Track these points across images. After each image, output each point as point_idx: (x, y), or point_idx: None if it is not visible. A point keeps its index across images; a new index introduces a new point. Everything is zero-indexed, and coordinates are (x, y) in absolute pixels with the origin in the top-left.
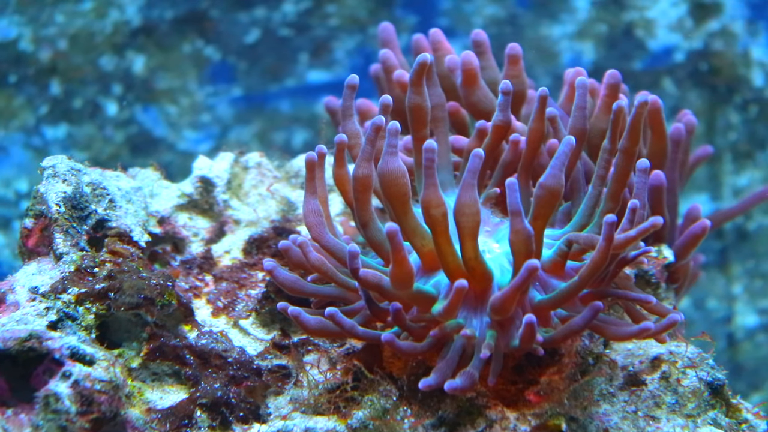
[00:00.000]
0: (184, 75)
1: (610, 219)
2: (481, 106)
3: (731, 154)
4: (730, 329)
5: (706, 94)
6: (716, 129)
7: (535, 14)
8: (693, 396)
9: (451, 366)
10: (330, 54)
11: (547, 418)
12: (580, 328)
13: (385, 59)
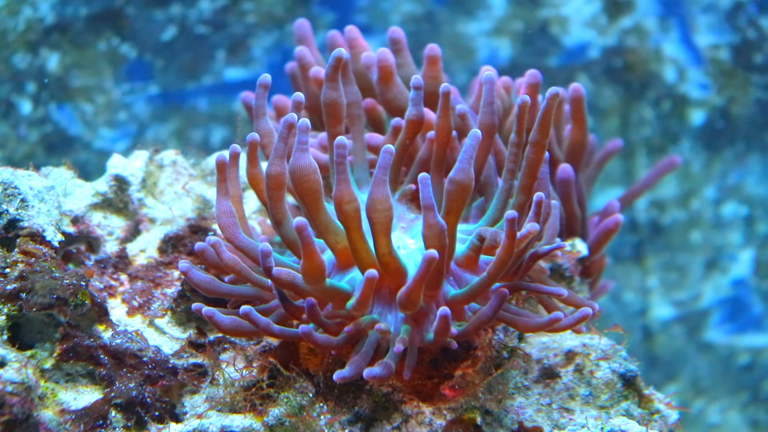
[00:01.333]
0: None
1: (511, 215)
2: (396, 103)
3: (645, 149)
4: (645, 322)
5: (621, 90)
6: (630, 124)
7: (452, 11)
8: (606, 388)
9: (366, 359)
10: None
11: (462, 412)
12: (489, 317)
13: (301, 56)
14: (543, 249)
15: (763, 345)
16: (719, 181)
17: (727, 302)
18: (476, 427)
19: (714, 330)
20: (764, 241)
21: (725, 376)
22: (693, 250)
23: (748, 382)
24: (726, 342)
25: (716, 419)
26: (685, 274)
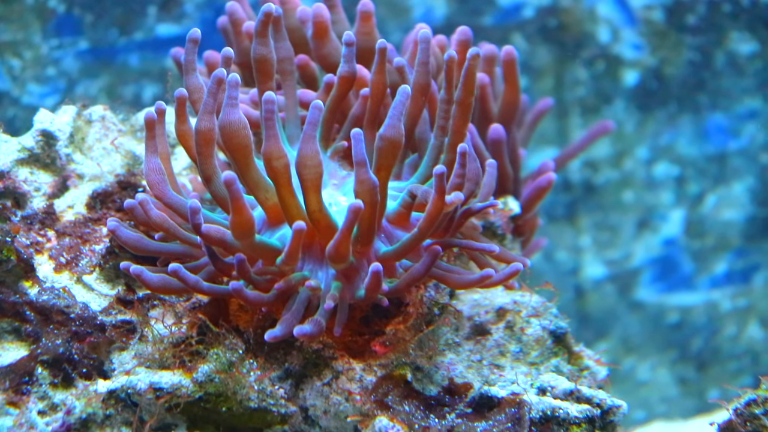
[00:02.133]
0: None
1: (440, 170)
2: (331, 59)
3: (579, 109)
4: (577, 281)
5: (555, 50)
6: (564, 84)
7: None
8: (536, 344)
9: (297, 317)
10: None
11: (393, 368)
12: (421, 274)
13: (232, 11)
14: (475, 206)
15: (691, 304)
16: (651, 141)
17: (658, 261)
18: (407, 383)
19: (644, 289)
20: (694, 201)
21: (655, 335)
22: (625, 209)
23: (676, 341)
24: (656, 301)
25: (646, 376)
26: (617, 233)
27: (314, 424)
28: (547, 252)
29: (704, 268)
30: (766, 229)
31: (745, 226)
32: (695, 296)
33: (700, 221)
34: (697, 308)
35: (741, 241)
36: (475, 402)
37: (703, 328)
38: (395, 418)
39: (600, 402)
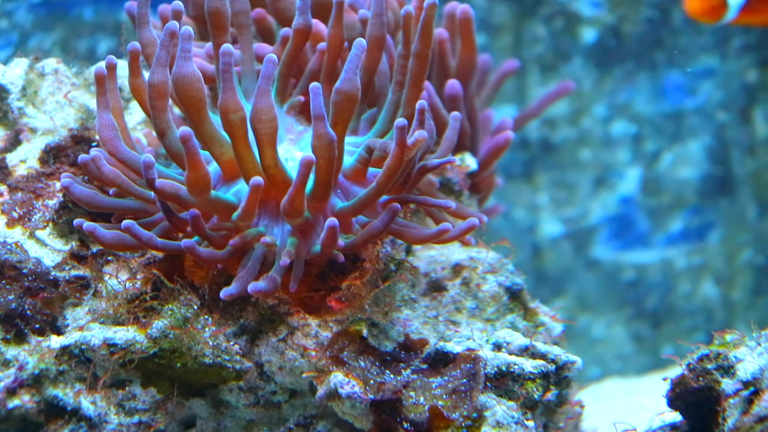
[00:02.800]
0: None
1: (401, 123)
2: (287, 13)
3: (537, 66)
4: (534, 238)
5: (514, 7)
6: (523, 41)
7: None
8: (492, 301)
9: (252, 274)
10: None
11: (348, 324)
12: (380, 230)
13: None
14: (432, 162)
15: (647, 262)
16: (609, 99)
17: (614, 219)
18: (362, 339)
19: (601, 247)
20: (651, 159)
21: (610, 292)
22: (582, 167)
23: (632, 298)
24: (612, 258)
25: (601, 334)
26: (574, 191)
27: (269, 380)
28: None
29: (660, 226)
30: (721, 187)
31: (701, 184)
32: (651, 254)
33: (657, 179)
34: (653, 266)
35: (696, 199)
36: (430, 358)
37: (658, 286)
38: (351, 373)
39: (555, 358)
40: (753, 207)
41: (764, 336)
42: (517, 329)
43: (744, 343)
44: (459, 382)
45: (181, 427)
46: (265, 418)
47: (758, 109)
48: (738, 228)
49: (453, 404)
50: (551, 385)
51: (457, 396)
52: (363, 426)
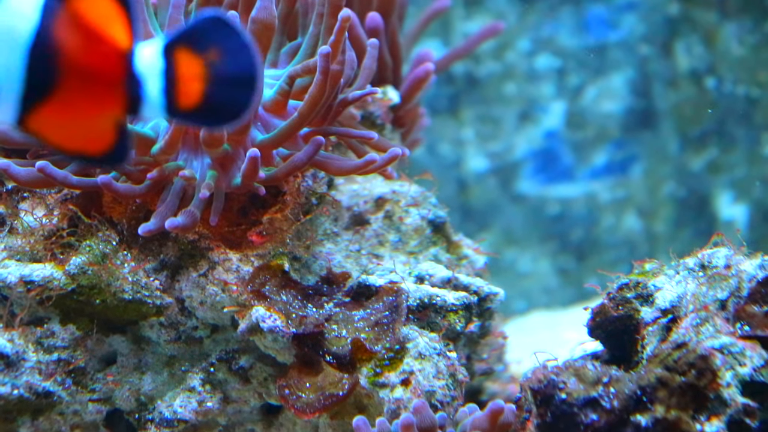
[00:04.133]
0: None
1: (325, 51)
2: None
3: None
4: (460, 173)
5: None
6: None
7: None
8: (415, 234)
9: (171, 209)
10: None
11: (270, 258)
12: (303, 162)
13: None
14: (353, 94)
15: (572, 196)
16: (533, 33)
17: (539, 154)
18: (284, 273)
19: (526, 181)
20: (575, 93)
21: (536, 226)
22: (507, 102)
23: (557, 232)
24: (537, 193)
25: (527, 268)
26: (499, 126)
27: (191, 315)
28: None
29: (584, 159)
30: (644, 121)
31: (624, 117)
32: (575, 188)
33: (580, 113)
34: (577, 200)
35: (620, 133)
36: (353, 291)
37: (583, 220)
38: (272, 307)
39: (477, 289)
40: (675, 140)
41: (682, 264)
42: (440, 262)
43: (663, 272)
44: (381, 314)
45: (102, 363)
46: (187, 354)
47: (680, 42)
48: (660, 161)
49: (375, 337)
50: (474, 316)
51: (379, 328)
52: (285, 360)
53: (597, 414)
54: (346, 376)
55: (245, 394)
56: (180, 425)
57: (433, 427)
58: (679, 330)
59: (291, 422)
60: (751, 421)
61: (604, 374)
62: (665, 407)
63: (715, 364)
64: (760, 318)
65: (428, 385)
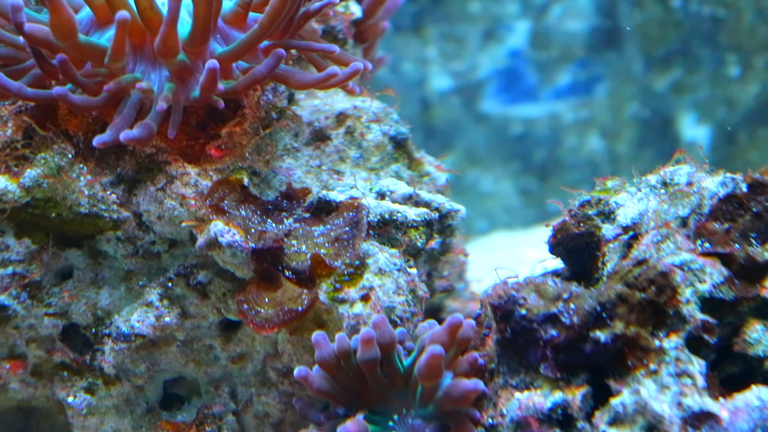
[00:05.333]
0: None
1: None
2: None
3: None
4: (423, 93)
5: None
6: None
7: None
8: (377, 150)
9: (128, 121)
10: None
11: (229, 173)
12: (264, 75)
13: None
14: (314, 6)
15: (535, 116)
16: None
17: (503, 73)
18: (243, 187)
19: (489, 101)
20: (540, 11)
21: (499, 146)
22: (471, 20)
23: (520, 152)
24: (500, 112)
25: (489, 188)
26: (462, 44)
27: (148, 230)
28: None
29: (548, 79)
30: (608, 40)
31: (589, 36)
32: (539, 108)
33: (545, 32)
34: (540, 120)
35: (584, 52)
36: (313, 206)
37: (546, 140)
38: (231, 222)
39: (438, 206)
40: (639, 60)
41: (644, 182)
42: (401, 178)
43: (625, 189)
44: (342, 230)
45: (58, 278)
46: (145, 269)
47: None
48: (624, 81)
49: (335, 252)
50: (435, 233)
51: (339, 244)
52: (244, 275)
53: (557, 330)
54: (306, 291)
55: (204, 309)
56: (137, 340)
57: (392, 342)
58: (640, 247)
59: (250, 338)
60: (710, 338)
61: (565, 290)
62: (625, 323)
63: (675, 281)
64: (721, 235)
65: (388, 300)
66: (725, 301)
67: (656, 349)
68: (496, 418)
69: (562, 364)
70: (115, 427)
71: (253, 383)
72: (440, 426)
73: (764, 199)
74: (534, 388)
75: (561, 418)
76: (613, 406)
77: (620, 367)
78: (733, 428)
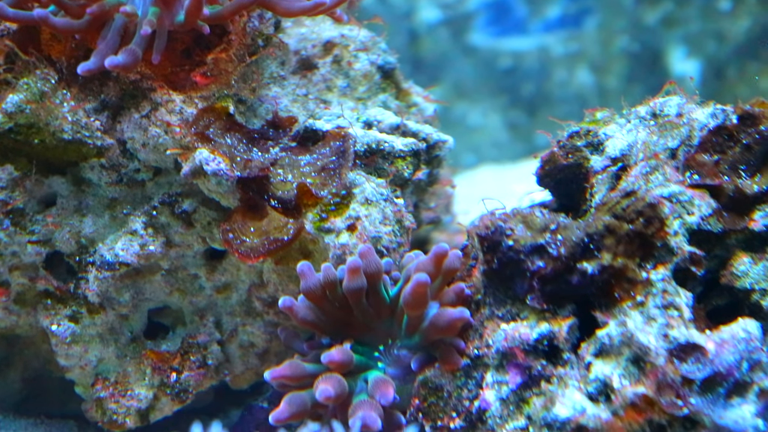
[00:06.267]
0: None
1: None
2: None
3: None
4: (412, 24)
5: None
6: None
7: None
8: (364, 79)
9: (112, 47)
10: None
11: (214, 100)
12: (250, 1)
13: None
14: None
15: (524, 49)
16: None
17: (492, 5)
18: (229, 115)
19: (478, 33)
20: None
21: (487, 80)
22: None
23: (508, 86)
24: (489, 45)
25: (477, 121)
26: None
27: (132, 157)
28: None
29: (537, 12)
30: None
31: None
32: (528, 41)
33: None
34: (530, 53)
35: None
36: (299, 135)
37: (535, 74)
38: (217, 150)
39: (426, 136)
40: None
41: (634, 113)
42: (388, 108)
43: (614, 120)
44: (328, 159)
45: (41, 205)
46: (129, 197)
47: None
48: (614, 14)
49: (322, 182)
50: (422, 163)
51: (326, 173)
52: (229, 204)
53: (543, 261)
54: (291, 221)
55: (188, 238)
56: (122, 268)
57: (378, 272)
58: (629, 178)
59: (235, 267)
60: (697, 270)
61: (552, 221)
62: (612, 255)
63: (663, 213)
64: (710, 167)
65: (374, 230)
66: (713, 234)
67: (643, 281)
68: (482, 349)
69: (548, 296)
70: (100, 355)
71: (238, 313)
72: (426, 356)
73: (754, 131)
74: (520, 319)
75: (547, 350)
76: (599, 338)
77: (607, 298)
78: (719, 360)
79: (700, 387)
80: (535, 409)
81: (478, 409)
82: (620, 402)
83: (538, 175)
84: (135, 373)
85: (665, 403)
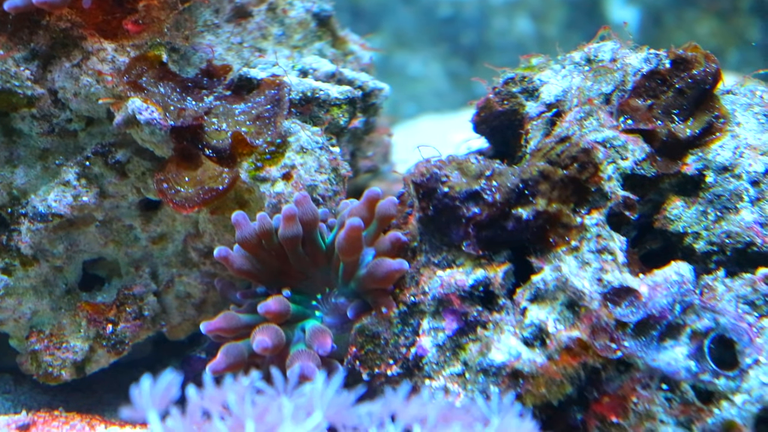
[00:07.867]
0: None
1: None
2: None
3: None
4: None
5: None
6: None
7: None
8: (300, 27)
9: None
10: None
11: (147, 49)
12: None
13: None
14: None
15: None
16: None
17: None
18: (162, 64)
19: None
20: None
21: (427, 28)
22: None
23: (449, 35)
24: None
25: (418, 71)
26: None
27: (64, 107)
28: None
29: None
30: None
31: None
32: None
33: None
34: (469, 2)
35: None
36: (234, 84)
37: (475, 22)
38: (149, 99)
39: (362, 84)
40: None
41: (569, 59)
42: (324, 56)
43: (549, 66)
44: (263, 108)
45: None
46: (61, 147)
47: None
48: None
49: (257, 130)
50: (358, 111)
51: (260, 122)
52: (163, 153)
53: (479, 207)
54: (227, 170)
55: (122, 188)
56: (55, 219)
57: (314, 219)
58: (563, 124)
59: (170, 217)
60: (631, 214)
61: (487, 168)
62: (547, 200)
63: (597, 158)
64: (644, 112)
65: (310, 179)
66: (647, 178)
67: (577, 225)
68: (418, 296)
69: (484, 242)
70: (34, 308)
71: (174, 264)
72: (362, 304)
73: (687, 75)
74: (456, 265)
75: (483, 296)
76: (535, 283)
77: (542, 244)
78: (653, 303)
79: (634, 330)
80: (471, 354)
81: (415, 356)
82: (555, 346)
83: (474, 122)
84: (70, 326)
85: (599, 347)
